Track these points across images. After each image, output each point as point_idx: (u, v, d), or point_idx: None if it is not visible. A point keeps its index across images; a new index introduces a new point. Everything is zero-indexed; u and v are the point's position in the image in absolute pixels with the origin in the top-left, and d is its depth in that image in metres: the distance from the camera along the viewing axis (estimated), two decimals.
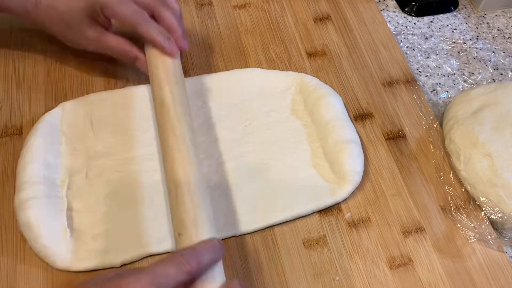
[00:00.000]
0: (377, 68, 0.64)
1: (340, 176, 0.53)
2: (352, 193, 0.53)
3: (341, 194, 0.52)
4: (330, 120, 0.56)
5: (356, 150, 0.54)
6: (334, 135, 0.55)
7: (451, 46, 0.69)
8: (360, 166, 0.54)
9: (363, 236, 0.51)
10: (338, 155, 0.54)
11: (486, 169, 0.52)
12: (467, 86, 0.65)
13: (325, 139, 0.55)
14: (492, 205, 0.52)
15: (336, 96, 0.59)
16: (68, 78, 0.59)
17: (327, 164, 0.55)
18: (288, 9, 0.69)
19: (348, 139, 0.55)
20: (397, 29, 0.71)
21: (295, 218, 0.51)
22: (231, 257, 0.49)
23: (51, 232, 0.47)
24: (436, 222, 0.53)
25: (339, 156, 0.53)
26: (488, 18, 0.73)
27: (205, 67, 0.62)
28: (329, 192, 0.53)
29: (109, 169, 0.53)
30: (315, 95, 0.58)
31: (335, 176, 0.53)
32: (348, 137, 0.55)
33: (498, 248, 0.51)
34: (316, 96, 0.58)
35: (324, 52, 0.65)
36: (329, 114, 0.56)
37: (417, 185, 0.55)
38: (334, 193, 0.52)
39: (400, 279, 0.49)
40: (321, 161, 0.55)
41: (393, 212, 0.53)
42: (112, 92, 0.58)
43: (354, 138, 0.55)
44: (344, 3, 0.70)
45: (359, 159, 0.54)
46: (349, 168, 0.53)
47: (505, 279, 0.50)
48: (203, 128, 0.57)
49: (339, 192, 0.53)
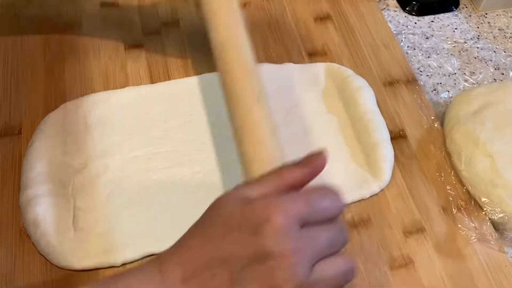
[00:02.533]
0: (378, 67, 0.64)
1: (372, 174, 0.53)
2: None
3: (369, 192, 0.53)
4: (366, 113, 0.56)
5: (391, 150, 0.55)
6: (370, 129, 0.55)
7: (452, 46, 0.69)
8: (392, 167, 0.54)
9: (364, 237, 0.51)
10: (374, 154, 0.54)
11: (487, 169, 0.52)
12: (468, 85, 0.65)
13: (361, 133, 0.56)
14: (493, 205, 0.52)
15: (370, 87, 0.59)
16: (68, 78, 0.59)
17: (362, 160, 0.55)
18: (288, 8, 0.69)
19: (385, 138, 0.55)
20: (398, 28, 0.70)
21: None
22: None
23: (57, 230, 0.48)
24: (437, 222, 0.52)
25: (375, 155, 0.54)
26: (489, 18, 0.73)
27: (205, 67, 0.62)
28: (358, 188, 0.53)
29: (111, 168, 0.53)
30: (352, 86, 0.58)
31: (368, 173, 0.54)
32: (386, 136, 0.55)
33: (499, 248, 0.51)
34: (353, 87, 0.58)
35: (324, 52, 0.65)
36: (366, 107, 0.56)
37: (418, 185, 0.55)
38: (363, 189, 0.53)
39: (401, 280, 0.49)
40: (355, 156, 0.55)
41: (394, 212, 0.53)
42: (112, 92, 0.58)
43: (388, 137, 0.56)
44: (344, 3, 0.70)
45: (392, 160, 0.55)
46: (383, 169, 0.53)
47: (506, 279, 0.49)
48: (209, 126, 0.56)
49: (368, 190, 0.53)
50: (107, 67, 0.60)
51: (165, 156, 0.54)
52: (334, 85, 0.60)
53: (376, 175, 0.53)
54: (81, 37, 0.63)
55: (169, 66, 0.62)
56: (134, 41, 0.63)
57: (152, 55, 0.62)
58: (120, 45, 0.63)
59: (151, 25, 0.65)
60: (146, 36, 0.64)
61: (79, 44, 0.62)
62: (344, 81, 0.59)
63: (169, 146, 0.55)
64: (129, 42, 0.63)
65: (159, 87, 0.59)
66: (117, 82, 0.59)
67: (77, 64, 0.60)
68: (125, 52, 0.62)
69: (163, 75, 0.61)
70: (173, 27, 0.65)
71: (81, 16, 0.65)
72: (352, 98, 0.57)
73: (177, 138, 0.55)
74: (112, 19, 0.65)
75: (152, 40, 0.64)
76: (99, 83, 0.59)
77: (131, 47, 0.63)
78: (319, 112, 0.58)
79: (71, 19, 0.65)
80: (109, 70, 0.60)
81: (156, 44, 0.63)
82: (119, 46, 0.63)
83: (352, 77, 0.59)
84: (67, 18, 0.65)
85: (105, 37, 0.63)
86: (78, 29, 0.64)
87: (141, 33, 0.64)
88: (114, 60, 0.61)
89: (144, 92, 0.58)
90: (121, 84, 0.59)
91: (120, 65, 0.61)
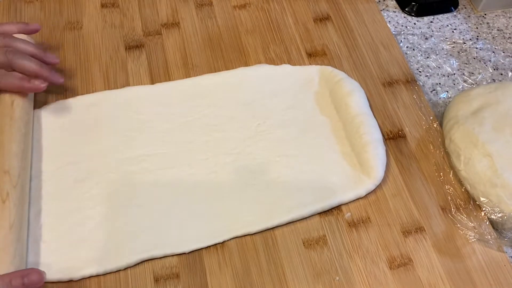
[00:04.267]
0: (377, 68, 0.64)
1: (365, 173, 0.54)
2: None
3: (365, 189, 0.53)
4: (357, 115, 0.56)
5: (382, 149, 0.55)
6: (361, 131, 0.55)
7: (451, 46, 0.69)
8: (384, 165, 0.55)
9: (363, 236, 0.51)
10: (365, 153, 0.54)
11: (486, 169, 0.52)
12: (467, 86, 0.65)
13: (352, 135, 0.56)
14: (492, 205, 0.52)
15: (361, 90, 0.60)
16: (68, 78, 0.60)
17: (354, 160, 0.55)
18: (288, 9, 0.69)
19: (376, 138, 0.55)
20: (397, 29, 0.71)
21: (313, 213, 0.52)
22: (231, 257, 0.49)
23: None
24: (436, 222, 0.53)
25: (367, 154, 0.54)
26: (488, 18, 0.73)
27: (205, 67, 0.62)
28: (351, 188, 0.53)
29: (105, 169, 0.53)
30: (343, 90, 0.58)
31: (360, 173, 0.54)
32: (377, 136, 0.56)
33: (498, 248, 0.51)
34: (344, 91, 0.58)
35: (324, 52, 0.65)
36: (356, 109, 0.57)
37: (417, 185, 0.55)
38: (358, 188, 0.53)
39: (400, 279, 0.49)
40: (348, 157, 0.55)
41: (393, 212, 0.53)
42: (111, 92, 0.58)
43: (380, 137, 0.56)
44: (344, 3, 0.70)
45: (384, 159, 0.55)
46: (375, 167, 0.54)
47: (505, 279, 0.50)
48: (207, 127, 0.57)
49: (363, 188, 0.53)
50: (108, 67, 0.61)
51: (161, 158, 0.54)
52: (327, 88, 0.60)
53: (369, 173, 0.53)
54: (81, 37, 0.63)
55: (169, 66, 0.62)
56: (135, 41, 0.63)
57: (152, 55, 0.62)
58: (121, 45, 0.63)
59: (151, 25, 0.65)
60: (146, 36, 0.64)
61: (80, 44, 0.63)
62: (336, 84, 0.59)
63: (166, 147, 0.55)
64: (129, 42, 0.63)
65: (157, 88, 0.59)
66: (118, 82, 0.60)
67: (77, 64, 0.61)
68: (126, 52, 0.62)
69: (163, 75, 0.61)
70: (173, 27, 0.65)
71: (81, 16, 0.65)
72: (343, 101, 0.58)
73: (174, 139, 0.56)
74: (113, 19, 0.65)
75: (152, 40, 0.64)
76: (100, 83, 0.59)
77: (132, 47, 0.63)
78: (313, 114, 0.59)
79: (72, 19, 0.65)
80: (109, 70, 0.60)
81: (156, 44, 0.63)
82: (119, 46, 0.63)
83: (344, 80, 0.59)
84: (68, 18, 0.65)
85: (106, 37, 0.64)
86: (78, 29, 0.64)
87: (141, 33, 0.64)
88: (115, 60, 0.62)
89: (142, 92, 0.59)
90: (122, 84, 0.59)
91: (121, 65, 0.61)
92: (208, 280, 0.48)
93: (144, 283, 0.47)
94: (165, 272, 0.48)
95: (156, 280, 0.48)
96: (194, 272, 0.48)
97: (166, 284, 0.47)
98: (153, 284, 0.47)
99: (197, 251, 0.49)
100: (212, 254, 0.49)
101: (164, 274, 0.48)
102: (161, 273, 0.48)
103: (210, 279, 0.48)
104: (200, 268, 0.48)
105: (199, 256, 0.49)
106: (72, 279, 0.47)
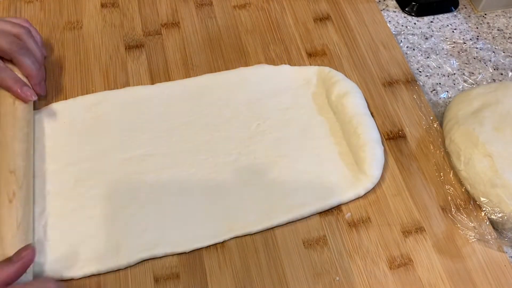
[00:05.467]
0: (377, 68, 0.64)
1: (362, 172, 0.54)
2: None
3: (363, 189, 0.53)
4: (354, 116, 0.56)
5: (380, 149, 0.55)
6: (359, 132, 0.55)
7: (451, 46, 0.69)
8: (382, 165, 0.55)
9: (363, 236, 0.51)
10: (363, 152, 0.54)
11: (486, 169, 0.52)
12: (467, 86, 0.65)
13: (349, 135, 0.56)
14: (492, 205, 0.52)
15: (359, 91, 0.60)
16: (68, 78, 0.60)
17: (352, 160, 0.55)
18: (288, 9, 0.69)
19: (374, 138, 0.55)
20: (397, 29, 0.71)
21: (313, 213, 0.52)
22: (231, 257, 0.49)
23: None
24: (436, 222, 0.53)
25: (364, 154, 0.54)
26: (488, 18, 0.73)
27: (205, 67, 0.62)
28: (350, 188, 0.53)
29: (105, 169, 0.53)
30: (339, 91, 0.58)
31: (358, 173, 0.54)
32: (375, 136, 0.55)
33: (498, 248, 0.51)
34: (340, 92, 0.58)
35: (324, 52, 0.65)
36: (353, 110, 0.57)
37: (417, 185, 0.55)
38: (357, 187, 0.53)
39: (400, 279, 0.49)
40: (346, 156, 0.55)
41: (393, 212, 0.53)
42: (112, 92, 0.58)
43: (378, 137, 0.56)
44: (344, 3, 0.70)
45: (381, 159, 0.55)
46: (372, 166, 0.53)
47: (505, 279, 0.50)
48: (207, 127, 0.57)
49: (361, 187, 0.53)
50: (108, 67, 0.61)
51: (161, 157, 0.54)
52: (324, 89, 0.60)
53: (366, 172, 0.53)
54: (81, 37, 0.63)
55: (169, 66, 0.62)
56: (135, 41, 0.63)
57: (152, 55, 0.62)
58: (121, 45, 0.63)
59: (151, 25, 0.65)
60: (146, 36, 0.64)
61: (80, 44, 0.63)
62: (333, 85, 0.59)
63: (167, 147, 0.55)
64: (129, 42, 0.63)
65: (157, 88, 0.59)
66: (118, 82, 0.60)
67: (77, 64, 0.61)
68: (126, 52, 0.62)
69: (163, 75, 0.61)
70: (173, 27, 0.65)
71: (81, 16, 0.65)
72: (339, 102, 0.58)
73: (174, 139, 0.56)
74: (112, 19, 0.65)
75: (152, 40, 0.64)
76: (100, 83, 0.59)
77: (132, 47, 0.63)
78: (311, 115, 0.59)
79: (72, 19, 0.65)
80: (109, 70, 0.60)
81: (156, 44, 0.63)
82: (119, 46, 0.63)
83: (341, 81, 0.59)
84: (68, 18, 0.65)
85: (106, 37, 0.64)
86: (78, 29, 0.64)
87: (141, 33, 0.64)
88: (115, 60, 0.62)
89: (142, 92, 0.59)
90: (122, 84, 0.59)
91: (121, 65, 0.61)
92: (208, 280, 0.48)
93: (144, 283, 0.47)
94: (165, 272, 0.48)
95: (156, 280, 0.48)
96: (194, 272, 0.48)
97: (166, 284, 0.47)
98: (153, 284, 0.47)
99: (197, 251, 0.49)
100: (212, 254, 0.49)
101: (164, 274, 0.48)
102: (161, 273, 0.48)
103: (210, 279, 0.48)
104: (200, 268, 0.48)
105: (199, 256, 0.49)
106: (73, 278, 0.47)
